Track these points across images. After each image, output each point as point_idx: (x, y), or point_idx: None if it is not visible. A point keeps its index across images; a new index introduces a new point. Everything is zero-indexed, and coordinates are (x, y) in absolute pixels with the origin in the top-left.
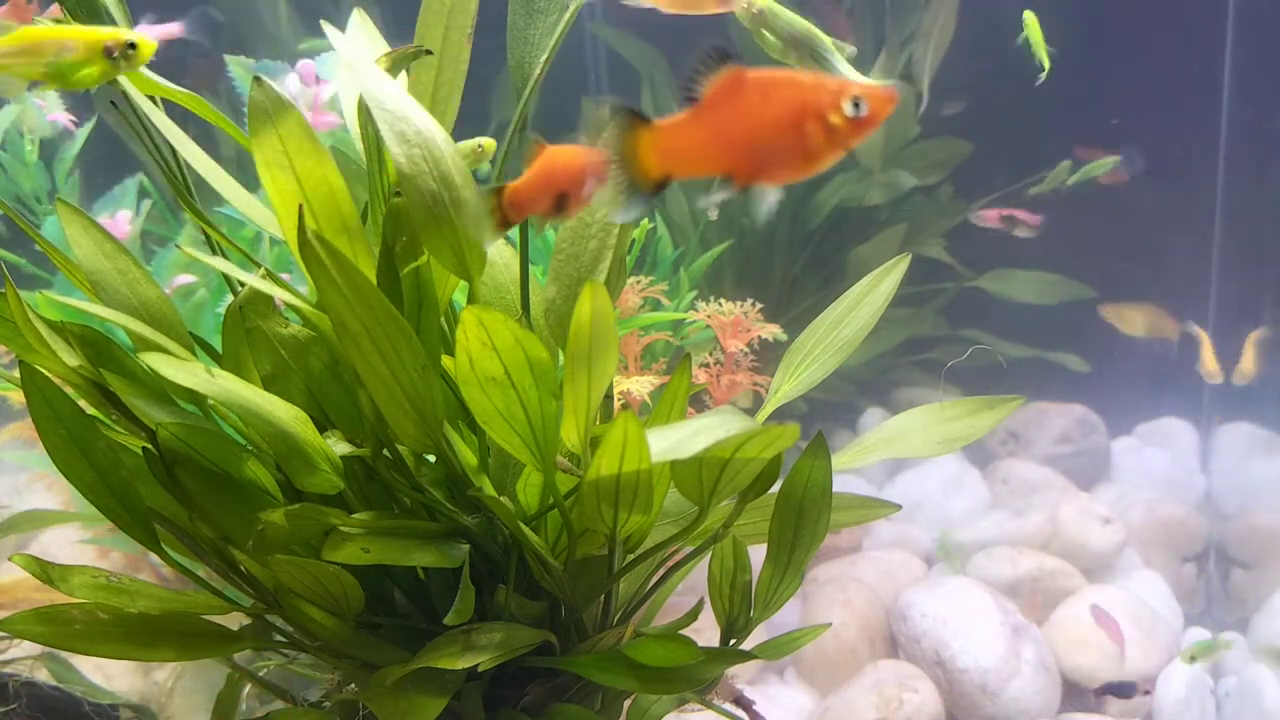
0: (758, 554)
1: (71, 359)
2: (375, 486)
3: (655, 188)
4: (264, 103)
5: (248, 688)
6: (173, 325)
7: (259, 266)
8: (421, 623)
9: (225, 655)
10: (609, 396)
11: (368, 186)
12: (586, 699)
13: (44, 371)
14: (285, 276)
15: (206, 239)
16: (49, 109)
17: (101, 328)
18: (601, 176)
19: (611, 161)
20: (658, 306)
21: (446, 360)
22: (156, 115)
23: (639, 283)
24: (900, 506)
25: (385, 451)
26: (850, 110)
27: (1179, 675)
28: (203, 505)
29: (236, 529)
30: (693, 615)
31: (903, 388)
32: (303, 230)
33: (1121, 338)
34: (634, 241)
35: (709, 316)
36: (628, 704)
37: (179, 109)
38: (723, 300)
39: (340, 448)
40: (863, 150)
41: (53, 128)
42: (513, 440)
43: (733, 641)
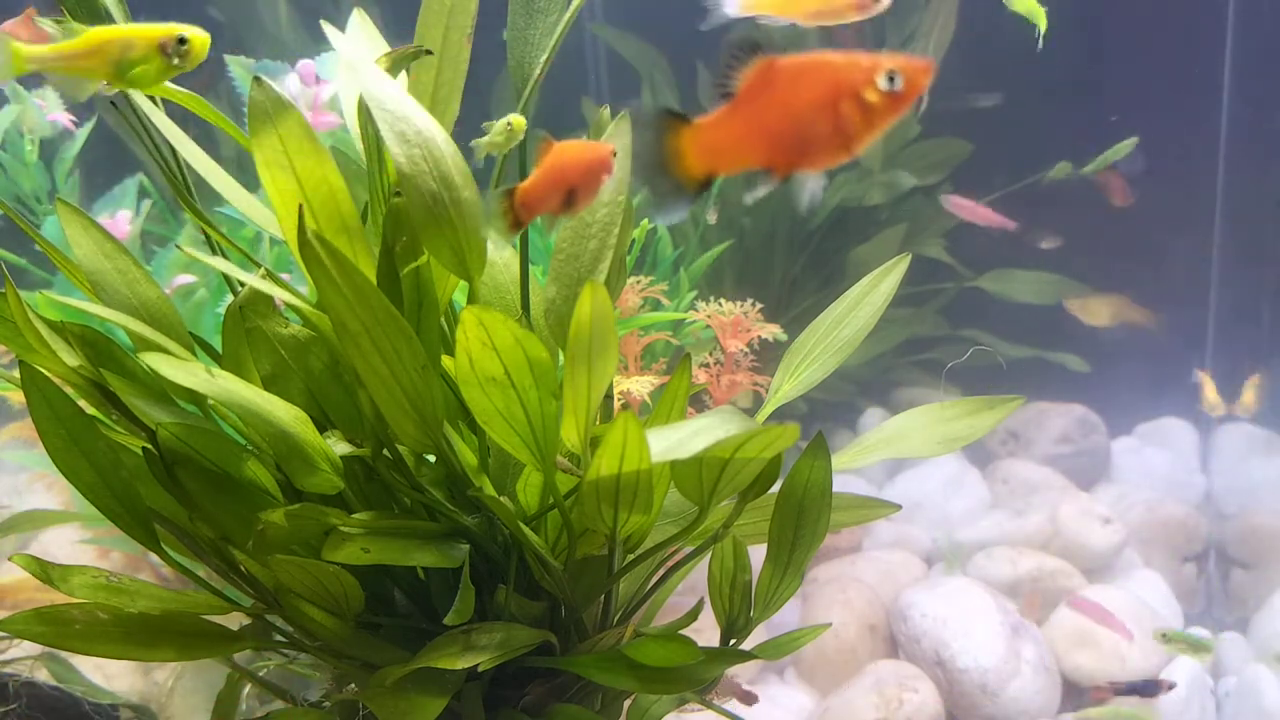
0: (758, 554)
1: (71, 359)
2: (375, 486)
3: (700, 187)
4: (264, 103)
5: (248, 688)
6: (173, 325)
7: (259, 266)
8: (421, 623)
9: (225, 655)
10: (609, 396)
11: (368, 186)
12: (586, 699)
13: (44, 371)
14: (285, 276)
15: (206, 239)
16: (49, 109)
17: (101, 328)
18: (610, 170)
19: (654, 165)
20: (658, 306)
21: (446, 360)
22: (156, 115)
23: (639, 283)
24: (900, 506)
25: (385, 451)
26: (885, 85)
27: (1179, 675)
28: (203, 505)
29: (236, 529)
30: (693, 615)
31: (903, 388)
32: (303, 230)
33: (1122, 338)
34: (634, 241)
35: (709, 316)
36: (628, 704)
37: (179, 109)
38: (723, 300)
39: (340, 448)
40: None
41: (53, 128)
42: (513, 440)
43: (733, 641)
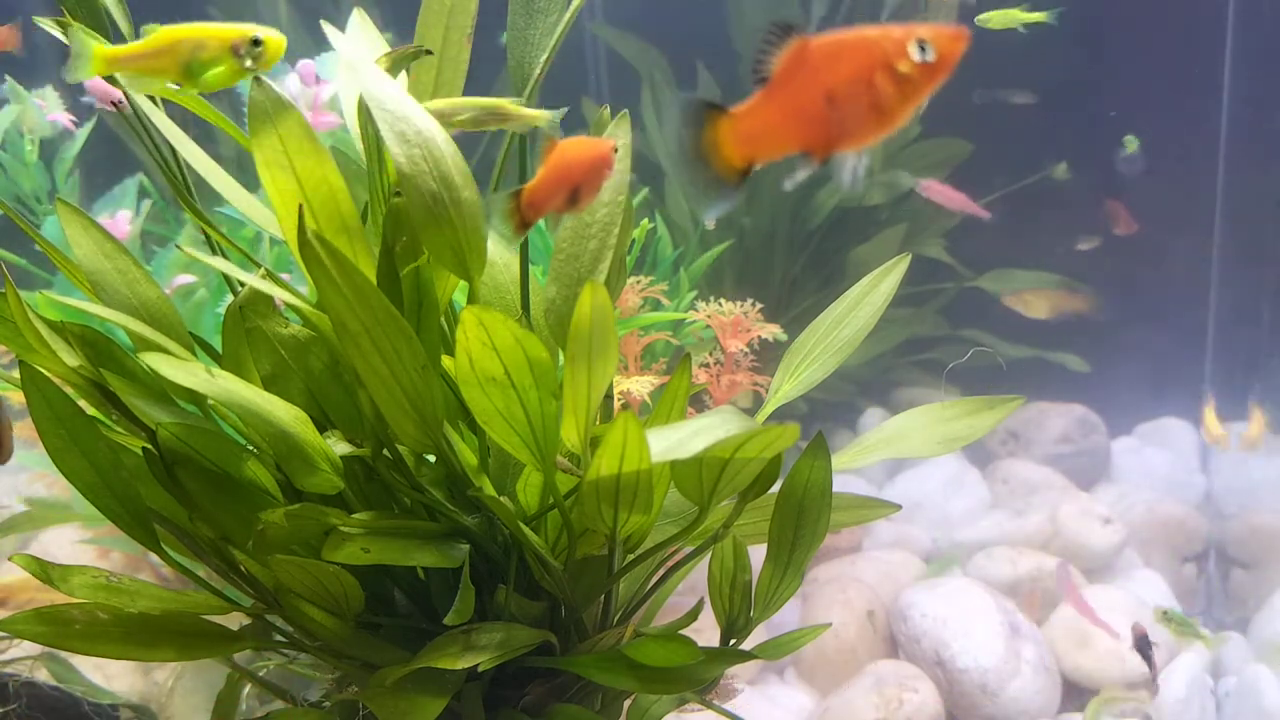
0: (758, 554)
1: (71, 359)
2: (375, 486)
3: (740, 177)
4: (264, 103)
5: (248, 688)
6: (173, 325)
7: (259, 266)
8: (421, 623)
9: (225, 655)
10: (609, 396)
11: (368, 186)
12: (586, 699)
13: (44, 371)
14: (285, 276)
15: (206, 239)
16: (49, 109)
17: (101, 328)
18: (612, 166)
19: (694, 159)
20: (658, 306)
21: (446, 360)
22: (156, 115)
23: (639, 283)
24: (900, 506)
25: (385, 451)
26: (917, 55)
27: (1179, 675)
28: (203, 505)
29: (236, 529)
30: (693, 615)
31: (903, 388)
32: (303, 230)
33: (1122, 338)
34: (634, 241)
35: (709, 316)
36: (628, 704)
37: (179, 109)
38: (723, 300)
39: (340, 448)
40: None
41: (53, 128)
42: (513, 440)
43: (733, 641)
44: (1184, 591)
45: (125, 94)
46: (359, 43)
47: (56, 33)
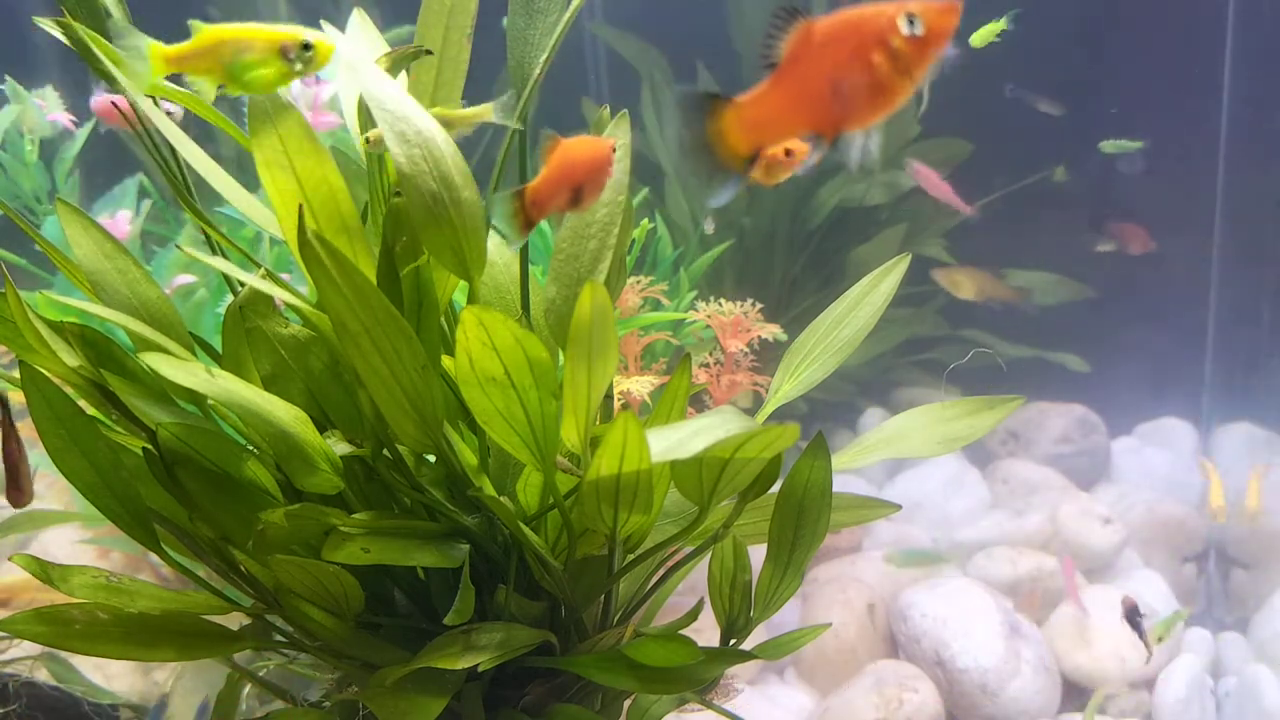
0: (758, 554)
1: (71, 359)
2: (375, 486)
3: (746, 165)
4: (264, 103)
5: (248, 688)
6: (173, 325)
7: (259, 266)
8: (421, 623)
9: (225, 655)
10: (609, 396)
11: (368, 186)
12: (586, 699)
13: (44, 371)
14: (285, 276)
15: (206, 239)
16: (49, 109)
17: (101, 328)
18: (613, 164)
19: (699, 150)
20: (658, 306)
21: (446, 360)
22: (156, 115)
23: (639, 283)
24: (900, 506)
25: (385, 451)
26: (906, 29)
27: (1179, 675)
28: (203, 505)
29: (236, 529)
30: (693, 615)
31: (903, 388)
32: (303, 230)
33: (1122, 338)
34: (634, 241)
35: (709, 316)
36: (628, 704)
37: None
38: (723, 300)
39: (340, 448)
40: None
41: (53, 128)
42: (513, 440)
43: (733, 641)
44: (1184, 591)
45: (125, 95)
46: (359, 43)
47: (56, 33)
